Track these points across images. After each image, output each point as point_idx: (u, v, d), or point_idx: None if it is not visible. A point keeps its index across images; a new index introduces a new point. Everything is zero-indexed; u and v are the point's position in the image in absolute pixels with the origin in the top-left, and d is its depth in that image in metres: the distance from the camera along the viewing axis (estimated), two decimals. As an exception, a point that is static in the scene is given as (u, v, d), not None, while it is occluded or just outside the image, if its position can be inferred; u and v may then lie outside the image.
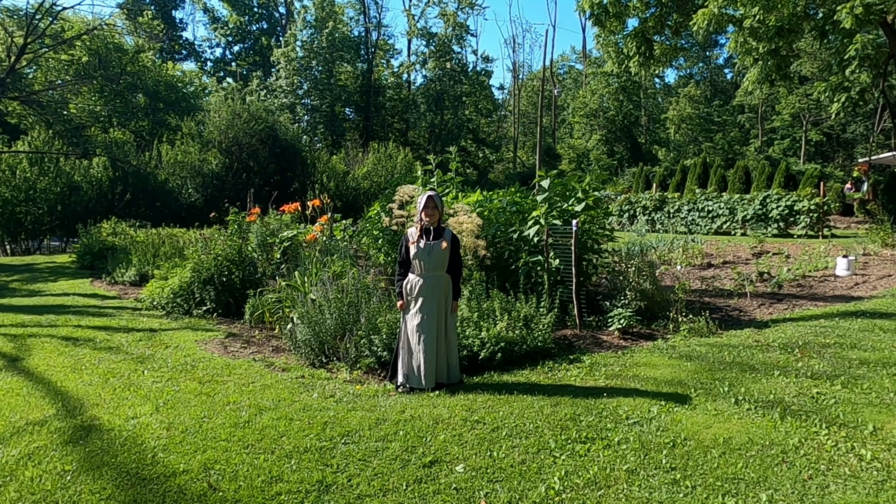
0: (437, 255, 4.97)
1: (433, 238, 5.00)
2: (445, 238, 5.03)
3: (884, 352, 5.82)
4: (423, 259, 4.96)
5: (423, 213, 5.02)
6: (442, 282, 5.04)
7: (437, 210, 5.03)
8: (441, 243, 4.98)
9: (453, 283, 5.14)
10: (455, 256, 5.13)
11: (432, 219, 5.02)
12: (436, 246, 4.96)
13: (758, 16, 16.02)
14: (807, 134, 45.93)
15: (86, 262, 15.01)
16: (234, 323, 8.09)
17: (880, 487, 3.27)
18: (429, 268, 4.98)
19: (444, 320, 5.08)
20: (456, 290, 5.18)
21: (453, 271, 5.14)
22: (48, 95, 27.15)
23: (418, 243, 4.99)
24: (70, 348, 6.76)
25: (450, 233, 5.13)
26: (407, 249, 5.09)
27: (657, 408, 4.49)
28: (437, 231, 5.05)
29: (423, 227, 5.04)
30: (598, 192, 8.29)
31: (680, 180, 28.85)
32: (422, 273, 5.00)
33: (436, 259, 4.97)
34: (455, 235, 5.24)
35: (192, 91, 42.38)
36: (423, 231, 5.04)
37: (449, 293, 5.11)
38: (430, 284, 4.98)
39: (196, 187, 25.44)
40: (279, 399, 4.88)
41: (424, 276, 4.99)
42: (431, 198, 5.01)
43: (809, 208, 17.78)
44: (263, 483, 3.49)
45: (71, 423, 4.48)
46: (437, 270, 5.01)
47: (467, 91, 49.65)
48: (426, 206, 5.00)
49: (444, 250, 4.98)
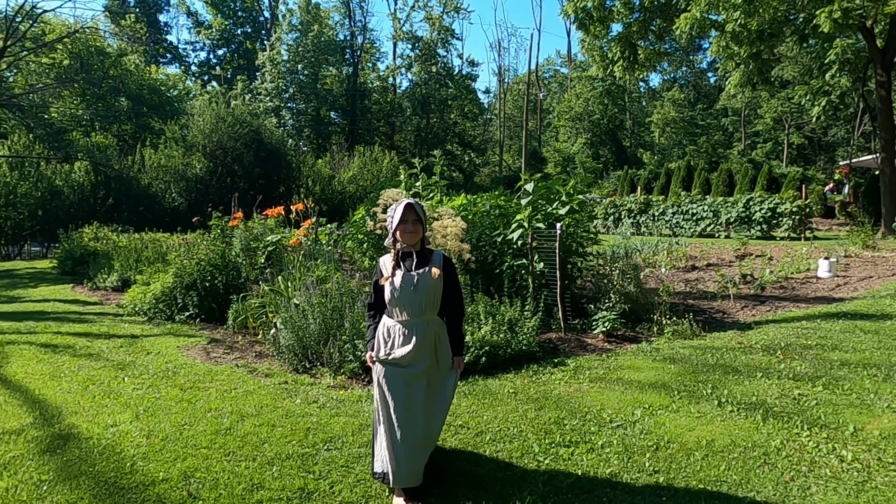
0: (425, 290, 3.33)
1: (417, 266, 3.39)
2: (435, 262, 3.41)
3: (864, 353, 5.88)
4: (404, 300, 3.34)
5: (398, 230, 3.38)
6: (435, 329, 3.41)
7: (421, 224, 3.39)
8: (430, 271, 3.36)
9: (452, 330, 3.54)
10: (453, 289, 3.52)
11: (413, 237, 3.39)
12: (423, 277, 3.34)
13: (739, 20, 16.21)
14: (789, 137, 46.50)
15: (67, 267, 14.83)
16: (216, 328, 8.00)
17: (861, 488, 3.29)
18: (415, 311, 3.34)
19: (440, 392, 3.49)
20: (457, 339, 3.56)
21: (451, 311, 3.54)
22: (29, 99, 26.88)
23: (394, 277, 3.37)
24: (49, 355, 6.66)
25: (440, 255, 3.49)
26: (379, 289, 3.50)
27: (641, 411, 4.50)
28: (422, 255, 3.45)
29: (401, 251, 3.46)
30: (582, 195, 8.31)
31: (664, 183, 29.08)
32: (404, 319, 3.38)
33: (424, 296, 3.33)
34: (447, 258, 3.56)
35: (175, 95, 42.14)
36: (401, 258, 3.45)
37: (446, 346, 3.49)
38: (418, 336, 3.32)
39: (180, 191, 25.26)
40: (262, 405, 4.83)
41: (409, 322, 3.36)
42: (412, 207, 3.37)
43: (792, 211, 17.98)
44: (244, 491, 3.45)
45: (48, 431, 4.40)
46: (426, 313, 3.37)
47: (453, 95, 49.80)
48: (404, 221, 3.37)
49: (436, 281, 3.36)
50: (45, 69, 30.00)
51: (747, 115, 52.09)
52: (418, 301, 3.33)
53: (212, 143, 25.97)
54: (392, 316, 3.41)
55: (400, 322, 3.37)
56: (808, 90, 21.15)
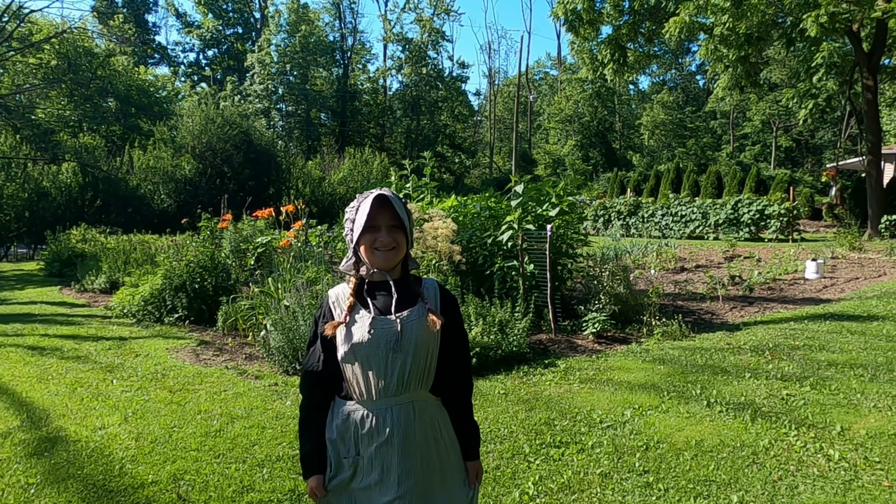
0: (412, 348, 1.82)
1: (398, 304, 1.87)
2: (426, 298, 1.92)
3: (851, 353, 5.94)
4: (374, 365, 1.81)
5: (362, 242, 1.84)
6: (430, 419, 1.90)
7: (403, 231, 1.86)
8: (422, 315, 1.86)
9: (459, 417, 2.00)
10: (458, 344, 1.99)
11: (389, 258, 1.85)
12: (410, 326, 1.83)
13: (728, 23, 16.33)
14: (777, 140, 46.87)
15: (54, 269, 14.70)
16: (206, 330, 7.96)
17: (848, 487, 3.32)
18: (393, 386, 1.82)
19: None
20: (469, 431, 2.03)
21: (454, 383, 1.99)
22: (15, 99, 26.64)
23: (353, 324, 1.85)
24: (36, 358, 6.60)
25: (433, 285, 1.98)
26: (327, 345, 1.90)
27: (631, 411, 4.52)
28: (405, 286, 1.92)
29: (370, 279, 1.92)
30: (572, 197, 8.35)
31: (654, 185, 29.24)
32: (373, 402, 1.83)
33: (411, 360, 1.82)
34: (446, 290, 2.02)
35: (164, 96, 41.88)
36: (367, 288, 1.92)
37: (451, 448, 1.95)
38: (400, 435, 1.83)
39: (168, 193, 25.10)
40: (252, 407, 4.81)
41: (381, 408, 1.83)
42: (385, 202, 1.82)
43: (780, 213, 18.13)
44: (234, 493, 3.43)
45: (36, 434, 4.36)
46: (413, 390, 1.86)
47: (443, 96, 49.84)
48: (373, 227, 1.82)
49: (432, 335, 1.86)
50: (33, 69, 29.76)
51: (736, 117, 52.52)
52: (399, 368, 1.79)
53: (201, 145, 25.83)
54: (351, 396, 1.85)
55: (366, 408, 1.81)
56: (795, 93, 21.33)
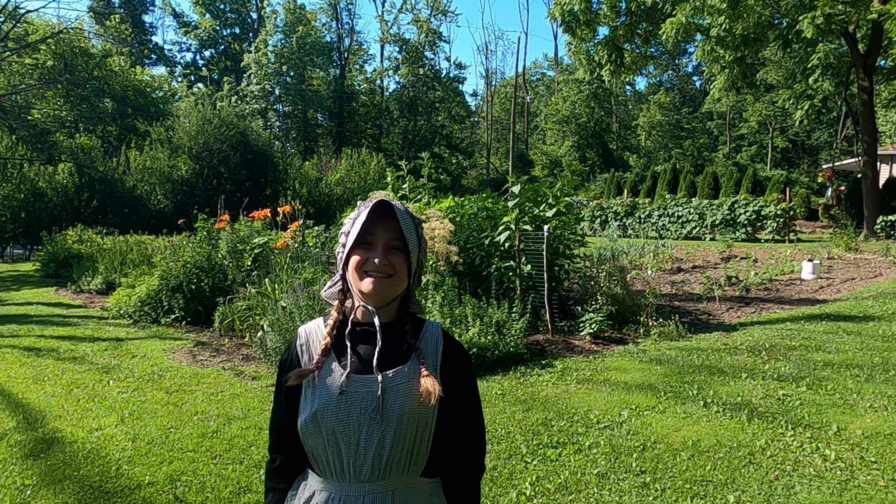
0: (395, 421, 1.28)
1: (380, 361, 1.31)
2: (422, 354, 1.35)
3: (847, 354, 5.95)
4: (344, 439, 1.28)
5: (353, 260, 1.32)
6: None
7: (407, 255, 1.34)
8: (413, 377, 1.31)
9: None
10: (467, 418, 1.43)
11: (384, 288, 1.31)
12: (397, 391, 1.29)
13: (724, 24, 16.36)
14: (773, 140, 46.96)
15: (50, 270, 14.67)
16: (203, 331, 7.95)
17: (844, 487, 3.33)
18: (370, 468, 1.28)
19: None
20: None
21: (460, 462, 1.42)
22: (11, 100, 26.56)
23: (321, 380, 1.31)
24: (32, 359, 6.58)
25: (438, 331, 1.41)
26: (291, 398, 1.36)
27: (627, 412, 4.52)
28: (398, 331, 1.37)
29: (352, 317, 1.37)
30: (569, 197, 8.35)
31: (651, 186, 29.29)
32: (345, 480, 1.30)
33: (392, 437, 1.28)
34: (457, 345, 1.43)
35: (161, 96, 41.79)
36: (351, 329, 1.35)
37: None
38: None
39: (165, 194, 25.05)
40: (248, 408, 4.80)
41: (350, 493, 1.30)
42: (389, 210, 1.32)
43: (776, 213, 18.15)
44: (231, 494, 3.43)
45: (32, 435, 4.35)
46: (395, 476, 1.31)
47: (440, 97, 49.85)
48: (367, 243, 1.33)
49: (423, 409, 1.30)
50: (29, 70, 29.68)
51: (732, 118, 52.61)
52: (376, 447, 1.30)
53: (198, 145, 25.78)
54: (320, 472, 1.36)
55: (331, 490, 1.34)
56: (791, 94, 21.40)
